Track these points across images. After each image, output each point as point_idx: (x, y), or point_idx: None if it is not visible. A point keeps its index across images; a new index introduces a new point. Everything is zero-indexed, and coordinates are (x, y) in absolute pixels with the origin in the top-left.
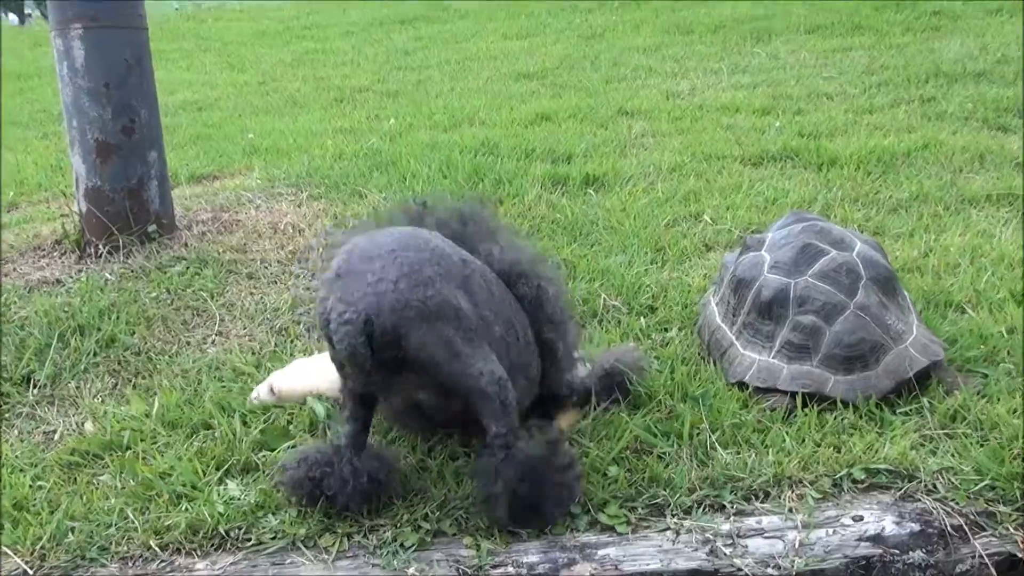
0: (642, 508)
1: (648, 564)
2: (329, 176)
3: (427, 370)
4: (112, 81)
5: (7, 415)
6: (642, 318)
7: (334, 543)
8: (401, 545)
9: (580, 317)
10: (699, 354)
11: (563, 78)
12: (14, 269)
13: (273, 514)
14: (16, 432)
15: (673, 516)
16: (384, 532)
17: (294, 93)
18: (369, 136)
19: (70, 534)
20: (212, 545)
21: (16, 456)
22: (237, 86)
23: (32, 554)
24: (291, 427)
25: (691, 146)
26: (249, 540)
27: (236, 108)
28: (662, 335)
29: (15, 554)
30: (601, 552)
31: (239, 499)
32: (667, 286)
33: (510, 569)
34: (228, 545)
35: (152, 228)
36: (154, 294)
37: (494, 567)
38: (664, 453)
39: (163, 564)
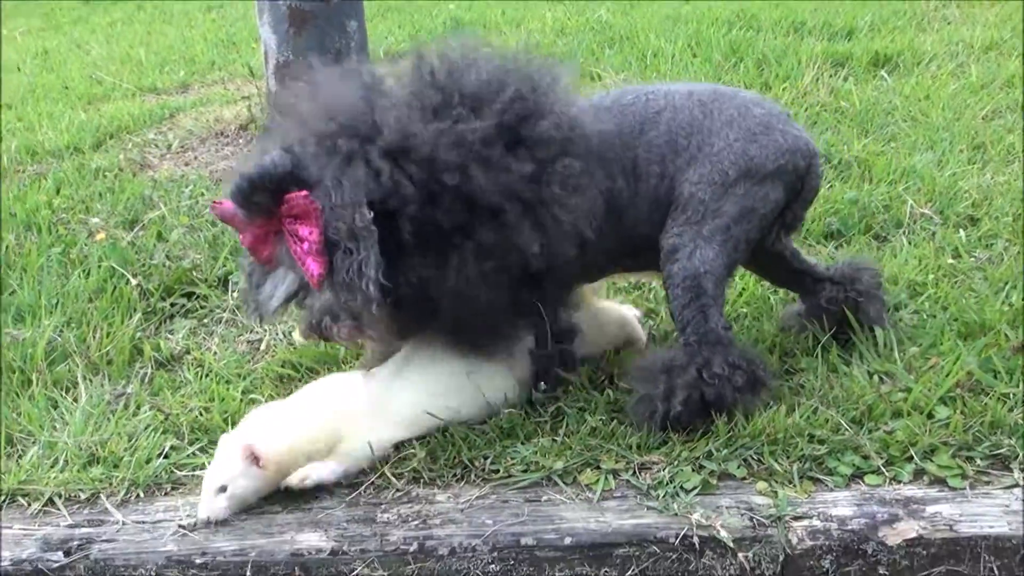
0: (981, 459)
1: (992, 527)
2: (552, 55)
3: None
4: None
5: (205, 320)
6: (961, 231)
7: (597, 480)
8: (681, 487)
9: (881, 227)
10: None
11: None
12: (195, 157)
13: (523, 443)
14: (217, 339)
15: (1023, 470)
16: (658, 471)
17: None
18: (594, 6)
19: None
20: (453, 476)
21: (222, 365)
22: None
23: None
24: None
25: (1010, 18)
26: (497, 471)
27: None
28: (987, 251)
29: None
30: (931, 509)
31: (482, 424)
32: (990, 192)
33: (816, 522)
34: (472, 476)
35: None
36: None
37: (796, 519)
38: (1007, 394)
39: (399, 493)
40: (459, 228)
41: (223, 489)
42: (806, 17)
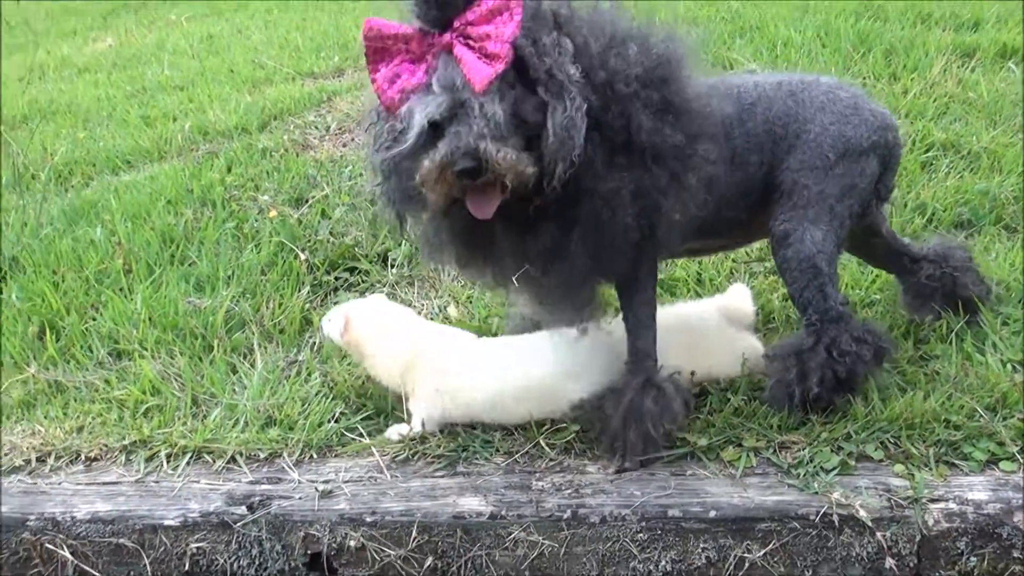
0: None
1: None
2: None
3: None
4: None
5: (367, 294)
6: None
7: (739, 457)
8: (821, 467)
9: (1011, 218)
10: None
11: None
12: (352, 139)
13: None
14: None
15: None
16: (798, 451)
17: None
18: None
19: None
20: (603, 447)
21: None
22: None
23: (414, 440)
24: None
25: None
26: None
27: None
28: None
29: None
30: None
31: None
32: None
33: (952, 505)
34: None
35: None
36: None
37: (932, 501)
38: None
39: (552, 463)
40: (622, 147)
41: (329, 320)
42: (932, 8)
